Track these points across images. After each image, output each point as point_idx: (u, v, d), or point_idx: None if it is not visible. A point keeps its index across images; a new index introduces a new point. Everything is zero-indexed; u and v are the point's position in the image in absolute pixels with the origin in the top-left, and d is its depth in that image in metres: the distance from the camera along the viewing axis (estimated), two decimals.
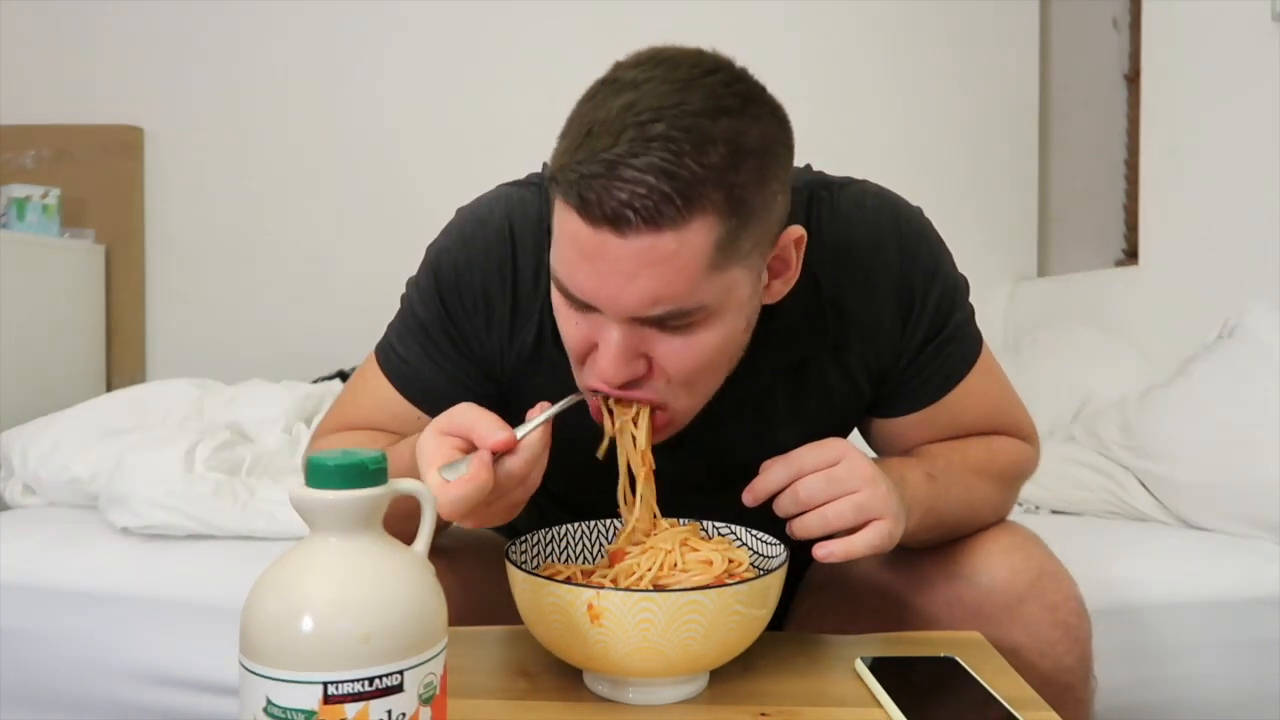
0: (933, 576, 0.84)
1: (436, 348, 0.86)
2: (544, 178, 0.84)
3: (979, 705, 0.64)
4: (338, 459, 0.50)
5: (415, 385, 0.86)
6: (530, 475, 0.66)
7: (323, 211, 2.59)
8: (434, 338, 0.85)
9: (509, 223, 0.83)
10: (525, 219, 0.83)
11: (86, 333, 2.43)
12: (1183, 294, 1.96)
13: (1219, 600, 1.32)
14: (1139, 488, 1.57)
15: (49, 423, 1.76)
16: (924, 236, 0.85)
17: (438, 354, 0.86)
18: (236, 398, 1.91)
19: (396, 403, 0.87)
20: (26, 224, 2.30)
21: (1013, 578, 0.80)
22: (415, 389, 0.86)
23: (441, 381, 0.85)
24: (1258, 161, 1.76)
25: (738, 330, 0.72)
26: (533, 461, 0.65)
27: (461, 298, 0.83)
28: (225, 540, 1.46)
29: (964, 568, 0.82)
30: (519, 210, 0.84)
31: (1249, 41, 1.77)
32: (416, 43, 2.59)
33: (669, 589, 0.66)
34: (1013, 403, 0.94)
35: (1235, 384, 1.49)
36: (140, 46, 2.56)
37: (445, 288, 0.84)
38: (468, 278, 0.83)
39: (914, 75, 2.64)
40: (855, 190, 0.85)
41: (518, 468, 0.65)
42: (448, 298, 0.84)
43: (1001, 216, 2.69)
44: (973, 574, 0.81)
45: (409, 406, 0.87)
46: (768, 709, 0.65)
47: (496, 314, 0.83)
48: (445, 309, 0.84)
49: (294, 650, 0.47)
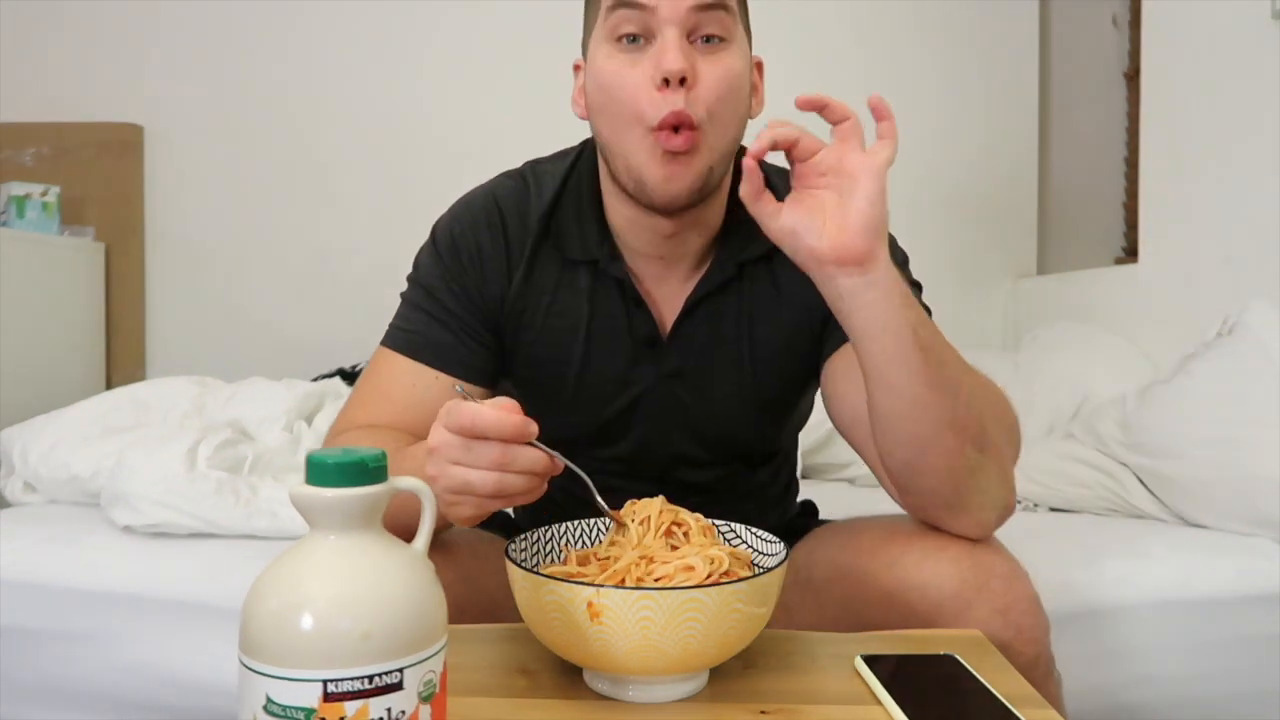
0: (884, 590, 0.84)
1: (441, 306, 0.95)
2: (523, 168, 1.01)
3: (978, 703, 0.64)
4: (338, 457, 0.50)
5: (425, 347, 0.94)
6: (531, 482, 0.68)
7: (323, 209, 2.59)
8: (438, 298, 0.95)
9: (494, 196, 0.98)
10: (510, 194, 0.98)
11: (86, 330, 2.43)
12: (1182, 292, 1.96)
13: (1218, 598, 1.32)
14: (1138, 485, 1.57)
15: (49, 420, 1.76)
16: None
17: (442, 312, 0.94)
18: (237, 395, 1.91)
19: (409, 372, 0.93)
20: (26, 222, 2.30)
21: (961, 586, 0.80)
22: (426, 350, 0.94)
23: (449, 337, 0.94)
24: (1258, 159, 1.76)
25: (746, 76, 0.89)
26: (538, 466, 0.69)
27: (459, 253, 0.95)
28: (227, 538, 1.46)
29: (914, 579, 0.82)
30: (503, 187, 0.98)
31: (1249, 39, 1.77)
32: (416, 41, 2.59)
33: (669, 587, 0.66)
34: None
35: (1234, 382, 1.49)
36: (140, 44, 2.56)
37: (444, 249, 0.96)
38: (462, 237, 0.96)
39: (914, 73, 2.64)
40: None
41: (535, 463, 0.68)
42: (447, 257, 0.96)
43: (1001, 214, 2.69)
44: (923, 585, 0.81)
45: (421, 369, 0.93)
46: (767, 707, 0.65)
47: (491, 262, 0.95)
48: (445, 267, 0.95)
49: (294, 648, 0.47)
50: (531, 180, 0.98)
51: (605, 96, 0.87)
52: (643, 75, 0.84)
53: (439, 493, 0.69)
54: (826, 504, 1.18)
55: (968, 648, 0.74)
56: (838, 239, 0.75)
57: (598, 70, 0.88)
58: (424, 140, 2.57)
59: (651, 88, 0.84)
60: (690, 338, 0.96)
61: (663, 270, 0.96)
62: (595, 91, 0.89)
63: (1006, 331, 2.61)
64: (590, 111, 0.91)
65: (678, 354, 0.96)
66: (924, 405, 0.78)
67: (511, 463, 0.66)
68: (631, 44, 0.85)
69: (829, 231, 0.75)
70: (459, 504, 0.69)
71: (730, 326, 0.96)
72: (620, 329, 0.96)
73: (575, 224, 0.96)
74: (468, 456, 0.67)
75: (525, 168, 1.01)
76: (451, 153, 2.51)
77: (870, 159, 0.75)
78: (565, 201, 0.97)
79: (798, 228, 0.76)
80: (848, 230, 0.75)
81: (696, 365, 0.97)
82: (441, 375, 0.93)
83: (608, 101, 0.87)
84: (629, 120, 0.85)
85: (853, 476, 1.96)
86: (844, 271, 0.76)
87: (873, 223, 0.75)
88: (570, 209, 0.96)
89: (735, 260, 0.95)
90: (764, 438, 1.04)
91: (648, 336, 0.96)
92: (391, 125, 2.59)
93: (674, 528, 0.73)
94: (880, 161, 0.75)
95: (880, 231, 0.76)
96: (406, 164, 2.57)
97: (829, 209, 0.76)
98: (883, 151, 0.76)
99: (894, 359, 0.77)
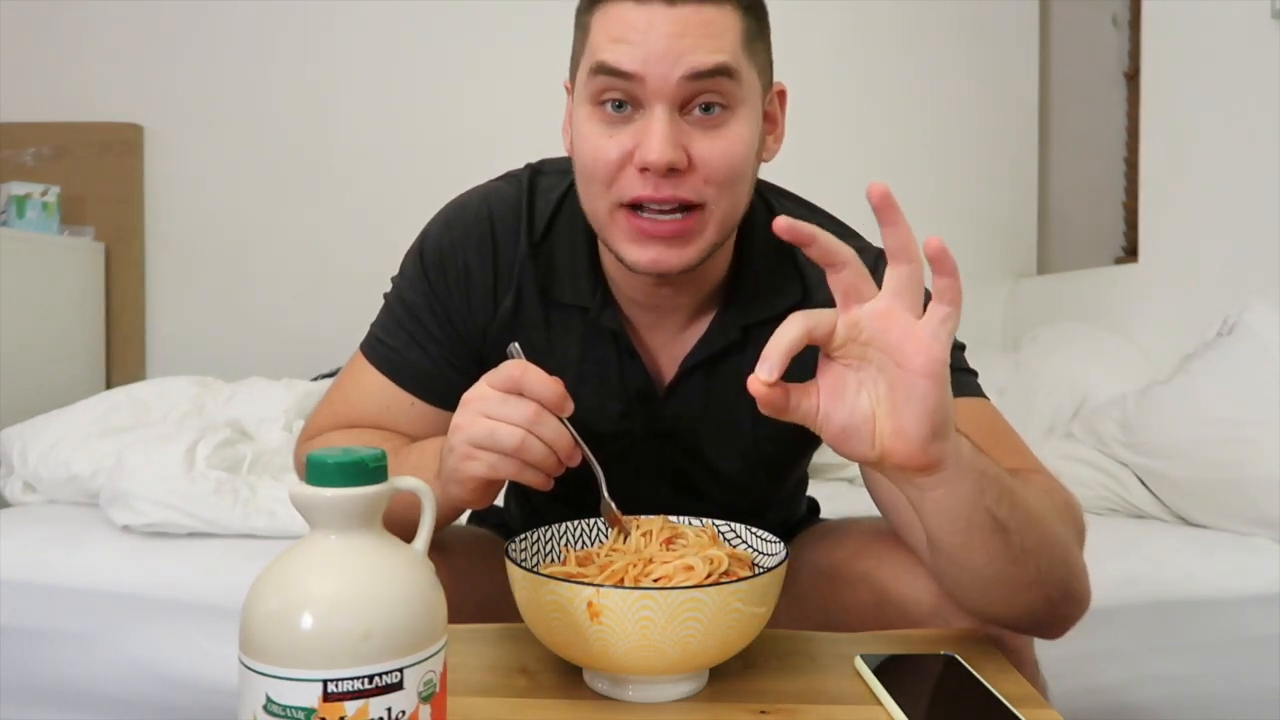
0: (864, 600, 0.83)
1: (424, 329, 0.89)
2: (524, 174, 0.92)
3: (979, 703, 0.64)
4: (338, 457, 0.50)
5: (404, 370, 0.89)
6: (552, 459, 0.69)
7: (322, 209, 2.59)
8: (421, 320, 0.89)
9: (488, 206, 0.90)
10: (503, 203, 0.90)
11: (86, 330, 2.43)
12: (1182, 291, 1.96)
13: (1217, 597, 1.32)
14: (1138, 485, 1.57)
15: (49, 420, 1.76)
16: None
17: (424, 336, 0.89)
18: (236, 395, 1.91)
19: (387, 391, 0.89)
20: (26, 221, 2.30)
21: (939, 602, 0.78)
22: (405, 373, 0.89)
23: (428, 364, 0.89)
24: (1257, 159, 1.75)
25: (755, 140, 0.79)
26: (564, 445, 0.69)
27: (446, 273, 0.89)
28: (226, 538, 1.46)
29: (892, 593, 0.81)
30: (496, 196, 0.91)
31: (1249, 39, 1.77)
32: (415, 42, 2.59)
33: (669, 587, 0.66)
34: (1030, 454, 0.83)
35: (1234, 381, 1.49)
36: (140, 44, 2.56)
37: (430, 264, 0.89)
38: (450, 254, 0.89)
39: (914, 73, 2.64)
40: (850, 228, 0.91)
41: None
42: (433, 274, 0.89)
43: (1001, 214, 2.69)
44: (901, 601, 0.80)
45: (398, 392, 0.89)
46: (767, 706, 0.65)
47: (478, 286, 0.89)
48: (431, 286, 0.89)
49: (294, 648, 0.47)
50: (531, 197, 0.90)
51: (580, 161, 0.80)
52: (621, 148, 0.75)
53: (458, 445, 0.69)
54: (826, 503, 1.18)
55: (968, 648, 0.74)
56: (895, 448, 0.60)
57: (577, 130, 0.80)
58: (424, 140, 2.57)
59: (629, 163, 0.75)
60: (686, 399, 0.89)
61: (657, 319, 0.89)
62: (574, 150, 0.81)
63: (1006, 331, 2.61)
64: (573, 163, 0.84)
65: (671, 416, 0.89)
66: (1003, 580, 0.69)
67: (540, 425, 0.67)
68: (616, 110, 0.76)
69: (883, 437, 0.60)
70: (473, 460, 0.69)
71: (731, 391, 0.86)
72: (613, 377, 0.89)
73: (568, 266, 0.88)
74: (500, 409, 0.67)
75: (525, 176, 0.92)
76: (452, 152, 2.51)
77: (928, 344, 0.57)
78: (557, 234, 0.89)
79: (844, 428, 0.60)
80: (906, 439, 0.59)
81: (691, 429, 0.90)
82: (417, 402, 0.88)
83: (582, 168, 0.79)
84: (600, 189, 0.78)
85: (852, 476, 1.96)
86: (904, 477, 0.63)
87: (937, 429, 0.59)
88: (563, 245, 0.89)
89: (740, 324, 0.87)
90: (762, 493, 0.98)
91: (641, 389, 0.89)
92: (392, 125, 2.59)
93: (675, 539, 0.74)
94: (940, 350, 0.58)
95: (947, 432, 0.60)
96: (407, 164, 2.57)
97: (880, 399, 0.60)
98: (944, 326, 0.58)
99: (971, 547, 0.67)
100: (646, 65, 0.73)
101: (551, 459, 0.69)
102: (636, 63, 0.73)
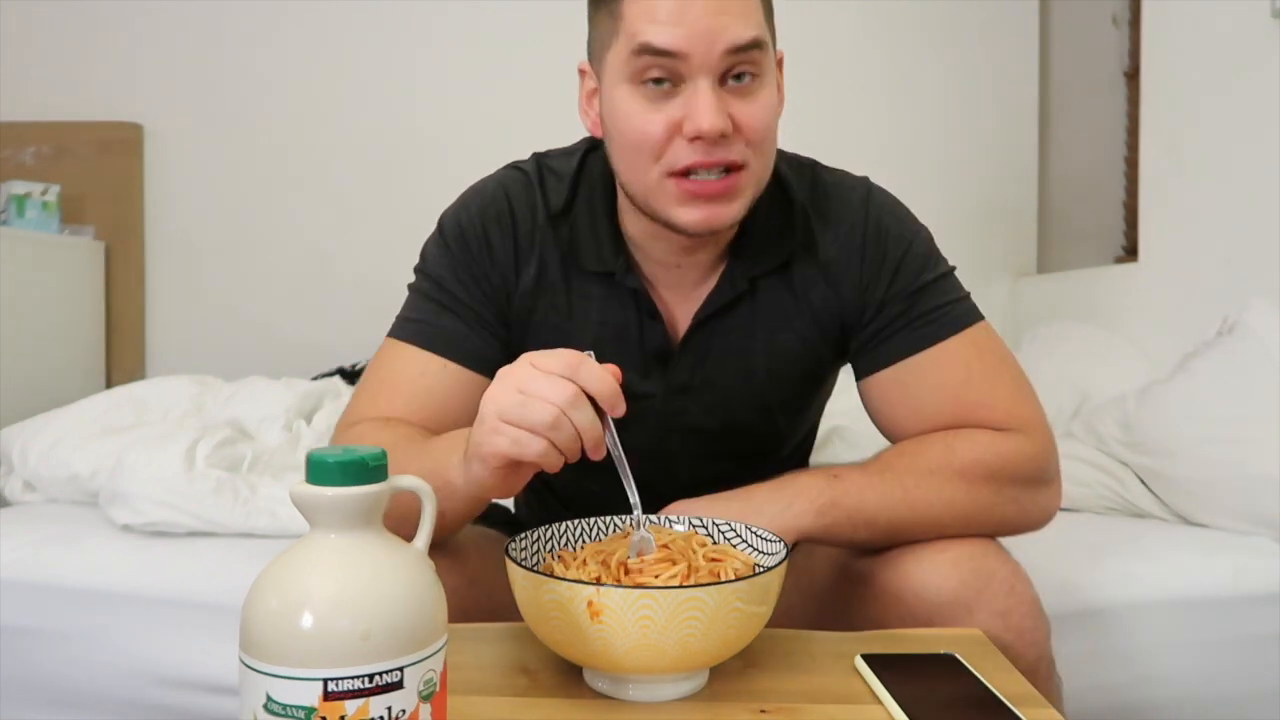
0: (884, 593, 0.84)
1: (451, 295, 0.93)
2: (529, 160, 0.99)
3: (979, 702, 0.64)
4: (338, 456, 0.50)
5: (436, 336, 0.92)
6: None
7: (323, 208, 2.59)
8: (447, 288, 0.93)
9: (503, 187, 0.96)
10: (518, 184, 0.96)
11: (86, 329, 2.43)
12: (1182, 290, 1.96)
13: (1217, 596, 1.32)
14: (1138, 484, 1.57)
15: (49, 419, 1.76)
16: (896, 205, 0.98)
17: (452, 301, 0.93)
18: (236, 394, 1.91)
19: (419, 360, 0.91)
20: (26, 221, 2.30)
21: (961, 589, 0.80)
22: (436, 339, 0.92)
23: (460, 325, 0.92)
24: (1257, 158, 1.75)
25: (777, 102, 0.87)
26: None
27: (468, 243, 0.94)
28: (226, 537, 1.46)
29: (914, 582, 0.82)
30: (511, 179, 0.97)
31: (1249, 38, 1.77)
32: (416, 40, 2.59)
33: (669, 586, 0.66)
34: (1001, 384, 0.92)
35: (1235, 381, 1.49)
36: (140, 43, 2.56)
37: (451, 238, 0.94)
38: (470, 227, 0.94)
39: (914, 72, 2.64)
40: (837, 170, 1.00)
41: None
42: (455, 246, 0.94)
43: (1001, 213, 2.69)
44: (922, 588, 0.81)
45: (431, 358, 0.91)
46: (768, 706, 0.65)
47: (499, 256, 0.94)
48: (454, 257, 0.94)
49: (294, 647, 0.47)
50: (540, 176, 0.96)
51: (625, 138, 0.85)
52: (668, 120, 0.82)
53: (487, 415, 0.68)
54: None
55: (968, 647, 0.74)
56: None
57: (616, 109, 0.85)
58: (424, 140, 2.57)
59: (677, 134, 0.82)
60: (700, 351, 0.95)
61: (677, 278, 0.95)
62: (613, 127, 0.87)
63: (1007, 331, 2.61)
64: (606, 139, 0.90)
65: (686, 368, 0.96)
66: (946, 529, 0.85)
67: (575, 409, 0.66)
68: (656, 86, 0.82)
69: None
70: (499, 434, 0.67)
71: (742, 339, 0.95)
72: (632, 340, 0.95)
73: (590, 234, 0.94)
74: (537, 386, 0.66)
75: (532, 162, 0.99)
76: (451, 152, 2.51)
77: None
78: (578, 207, 0.95)
79: None
80: None
81: (705, 379, 0.96)
82: (450, 364, 0.90)
83: (627, 143, 0.85)
84: (647, 161, 0.84)
85: None
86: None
87: None
88: (584, 216, 0.94)
89: (748, 275, 0.94)
90: (776, 434, 1.03)
91: (659, 349, 0.95)
92: (391, 125, 2.58)
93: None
94: None
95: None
96: (406, 163, 2.57)
97: None
98: None
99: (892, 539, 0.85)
100: (690, 43, 0.79)
101: (577, 445, 0.67)
102: (681, 41, 0.79)
